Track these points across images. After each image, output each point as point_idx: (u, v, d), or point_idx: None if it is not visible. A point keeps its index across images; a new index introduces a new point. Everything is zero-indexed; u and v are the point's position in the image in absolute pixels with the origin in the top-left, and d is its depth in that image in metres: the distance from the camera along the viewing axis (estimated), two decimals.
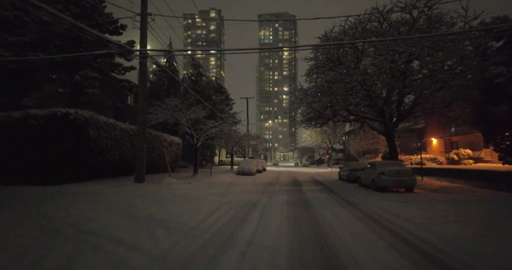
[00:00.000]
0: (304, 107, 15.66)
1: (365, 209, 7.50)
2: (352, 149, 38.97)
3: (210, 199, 8.70)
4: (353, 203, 8.55)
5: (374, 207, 7.70)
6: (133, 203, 7.28)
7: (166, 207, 7.07)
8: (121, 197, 7.95)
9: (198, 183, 12.71)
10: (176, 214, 6.25)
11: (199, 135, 15.20)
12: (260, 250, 3.96)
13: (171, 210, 6.72)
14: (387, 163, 12.34)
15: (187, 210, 6.75)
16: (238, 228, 5.18)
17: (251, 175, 21.80)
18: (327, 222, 5.89)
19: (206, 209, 6.92)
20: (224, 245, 4.15)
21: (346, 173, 16.62)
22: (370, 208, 7.63)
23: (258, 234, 4.82)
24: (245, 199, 9.05)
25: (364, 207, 7.81)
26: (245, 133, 28.64)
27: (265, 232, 4.93)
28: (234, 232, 4.88)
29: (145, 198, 8.25)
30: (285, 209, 7.17)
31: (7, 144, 10.07)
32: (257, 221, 5.81)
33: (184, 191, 10.18)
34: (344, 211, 7.15)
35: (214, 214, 6.43)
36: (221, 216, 6.23)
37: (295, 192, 11.21)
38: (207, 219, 5.88)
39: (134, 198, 7.99)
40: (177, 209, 6.80)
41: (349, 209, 7.53)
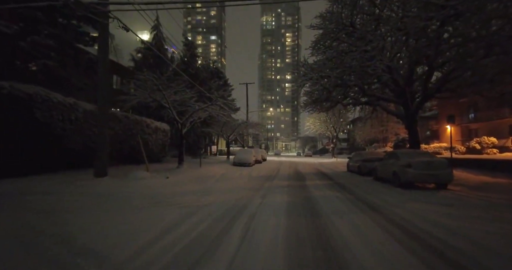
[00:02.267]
0: (309, 85, 13.12)
1: (397, 217, 5.21)
2: (359, 138, 36.52)
3: (183, 201, 6.44)
4: (376, 206, 6.26)
5: (408, 214, 5.41)
6: (64, 211, 5.03)
7: (109, 217, 4.82)
8: (53, 200, 5.70)
9: (178, 177, 10.47)
10: (112, 233, 4.00)
11: (183, 119, 12.84)
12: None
13: (113, 223, 4.47)
14: (414, 153, 9.98)
15: (136, 224, 4.49)
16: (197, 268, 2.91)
17: (248, 166, 19.60)
18: (347, 245, 3.61)
19: (165, 221, 4.66)
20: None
21: (358, 164, 14.29)
22: (403, 215, 5.34)
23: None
24: (231, 200, 6.79)
25: (393, 213, 5.52)
26: (242, 120, 26.22)
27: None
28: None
29: (93, 201, 6.01)
30: (283, 220, 4.89)
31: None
32: (236, 248, 3.53)
33: (155, 188, 7.94)
34: (368, 222, 4.85)
35: (173, 231, 4.17)
36: (180, 236, 3.96)
37: (297, 189, 8.93)
38: (153, 244, 3.61)
39: (74, 202, 5.75)
40: (122, 222, 4.55)
41: (373, 217, 5.23)
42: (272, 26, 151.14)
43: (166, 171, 11.83)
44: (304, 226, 4.56)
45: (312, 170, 17.73)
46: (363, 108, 17.54)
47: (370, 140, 36.01)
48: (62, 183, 7.44)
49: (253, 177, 12.60)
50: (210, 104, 12.36)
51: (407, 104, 12.39)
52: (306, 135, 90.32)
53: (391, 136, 32.30)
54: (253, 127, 30.13)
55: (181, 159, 13.15)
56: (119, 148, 13.10)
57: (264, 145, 78.12)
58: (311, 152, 69.00)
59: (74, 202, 5.77)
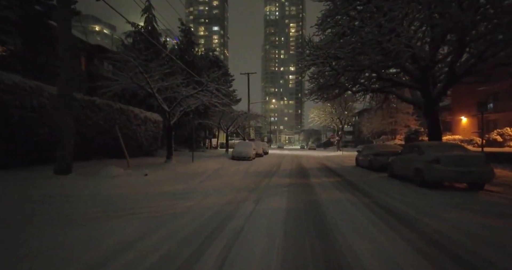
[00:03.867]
0: (316, 68, 11.39)
1: (438, 236, 3.69)
2: (366, 130, 34.70)
3: (152, 208, 4.98)
4: (402, 215, 4.73)
5: (453, 231, 3.88)
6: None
7: (26, 237, 3.36)
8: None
9: (162, 174, 9.02)
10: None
11: (172, 107, 11.30)
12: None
13: (20, 252, 3.00)
14: (441, 145, 8.37)
15: (57, 252, 3.03)
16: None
17: (248, 160, 18.17)
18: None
19: (103, 247, 3.18)
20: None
21: (369, 158, 12.71)
22: (445, 232, 3.83)
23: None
24: (215, 206, 5.30)
25: (430, 228, 4.00)
26: (242, 111, 24.62)
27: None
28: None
29: (30, 208, 4.57)
30: (279, 242, 3.37)
31: None
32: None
33: (126, 190, 6.48)
34: (401, 246, 3.32)
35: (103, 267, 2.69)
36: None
37: (300, 190, 7.42)
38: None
39: (8, 211, 4.31)
40: (36, 250, 3.08)
41: (405, 235, 3.69)
42: (276, 16, 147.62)
43: (151, 167, 10.39)
44: (309, 253, 3.05)
45: (317, 165, 16.19)
46: (373, 96, 15.83)
47: (377, 132, 34.21)
48: (7, 182, 6.00)
49: (250, 173, 11.11)
50: (200, 90, 10.79)
51: (428, 90, 10.69)
52: (310, 127, 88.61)
53: (400, 127, 30.49)
54: (255, 119, 28.52)
55: (170, 153, 11.68)
56: (101, 140, 11.67)
57: (267, 137, 76.66)
58: (315, 145, 67.49)
59: (8, 210, 4.33)
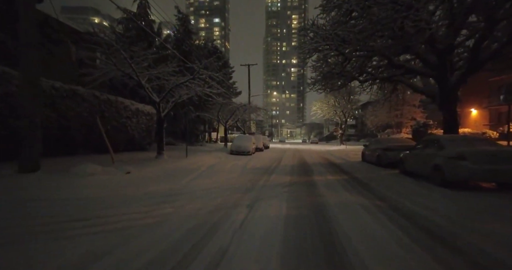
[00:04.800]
0: (320, 54, 10.27)
1: (494, 263, 2.71)
2: (370, 123, 33.52)
3: (121, 217, 4.04)
4: (434, 229, 3.75)
5: (509, 255, 2.90)
6: None
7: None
8: None
9: (148, 171, 8.06)
10: None
11: (161, 98, 10.27)
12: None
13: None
14: (465, 139, 7.35)
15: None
16: None
17: (247, 155, 17.24)
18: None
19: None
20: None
21: (377, 153, 11.69)
22: (497, 255, 2.85)
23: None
24: (199, 213, 4.35)
25: (479, 250, 3.02)
26: (241, 103, 23.54)
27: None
28: None
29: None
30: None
31: None
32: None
33: (99, 190, 5.54)
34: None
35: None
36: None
37: (303, 190, 6.45)
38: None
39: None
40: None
41: (450, 263, 2.72)
42: (278, 7, 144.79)
43: (139, 162, 9.45)
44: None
45: (320, 160, 15.21)
46: (381, 86, 14.71)
47: (382, 126, 33.05)
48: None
49: (247, 170, 10.16)
50: (191, 78, 9.74)
51: (444, 77, 9.60)
52: (312, 121, 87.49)
53: (406, 120, 29.32)
54: (255, 112, 27.45)
55: (161, 147, 10.72)
56: (86, 133, 10.73)
57: (268, 131, 75.65)
58: (317, 139, 66.44)
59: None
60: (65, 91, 9.49)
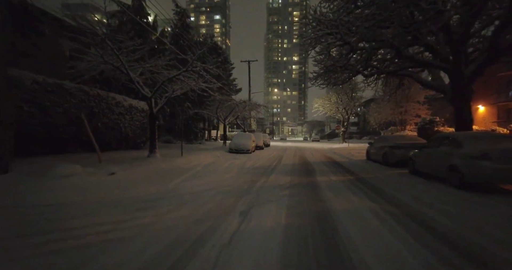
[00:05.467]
0: (323, 46, 9.53)
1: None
2: (373, 120, 32.70)
3: (85, 230, 3.40)
4: (465, 245, 3.09)
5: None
6: None
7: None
8: None
9: (136, 172, 7.41)
10: None
11: (153, 92, 9.59)
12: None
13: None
14: (486, 136, 6.66)
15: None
16: None
17: (246, 153, 16.60)
18: None
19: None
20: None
21: (383, 151, 11.01)
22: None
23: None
24: (182, 224, 3.71)
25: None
26: (240, 100, 22.85)
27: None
28: None
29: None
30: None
31: None
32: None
33: (74, 194, 4.90)
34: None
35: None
36: None
37: (304, 193, 5.79)
38: None
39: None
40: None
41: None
42: (279, 4, 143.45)
43: (128, 162, 8.81)
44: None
45: (323, 158, 14.54)
46: (387, 81, 13.99)
47: (385, 123, 32.24)
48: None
49: (245, 169, 9.51)
50: (184, 71, 9.04)
51: (458, 70, 8.88)
52: (313, 118, 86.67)
53: (410, 118, 28.51)
54: (255, 109, 26.72)
55: (153, 145, 10.07)
56: (74, 131, 10.09)
57: (269, 129, 74.94)
58: (319, 137, 65.75)
59: None
60: (49, 85, 8.84)
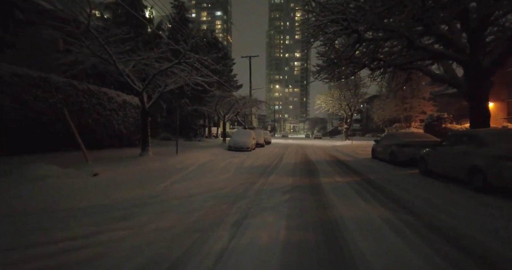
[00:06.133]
0: (327, 36, 8.78)
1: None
2: (377, 117, 31.91)
3: (39, 250, 2.77)
4: (503, 264, 2.44)
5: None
6: None
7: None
8: None
9: (124, 172, 6.78)
10: None
11: (144, 86, 8.93)
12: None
13: None
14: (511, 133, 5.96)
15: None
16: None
17: (246, 151, 15.96)
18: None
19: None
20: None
21: (390, 149, 10.33)
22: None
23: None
24: (160, 239, 3.07)
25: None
26: (240, 96, 22.15)
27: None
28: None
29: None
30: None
31: None
32: None
33: (40, 201, 4.29)
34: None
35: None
36: None
37: (307, 198, 5.15)
38: None
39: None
40: None
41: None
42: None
43: (118, 161, 8.19)
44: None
45: (326, 156, 13.88)
46: (394, 75, 13.24)
47: (389, 120, 31.45)
48: None
49: (243, 169, 8.87)
50: (176, 63, 8.34)
51: (475, 61, 8.15)
52: (315, 115, 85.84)
53: (416, 114, 27.72)
54: (256, 106, 25.99)
55: (146, 143, 9.44)
56: (62, 128, 9.47)
57: (271, 126, 74.22)
58: (321, 134, 64.93)
59: None
60: (32, 79, 8.21)
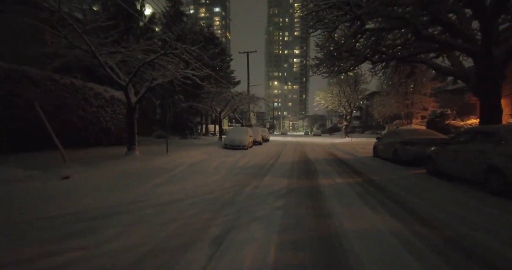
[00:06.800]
0: (328, 22, 8.09)
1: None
2: (377, 113, 31.22)
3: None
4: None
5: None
6: None
7: None
8: None
9: (102, 173, 6.13)
10: None
11: (129, 80, 8.25)
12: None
13: None
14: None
15: None
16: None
17: (243, 149, 15.35)
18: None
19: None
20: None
21: (394, 147, 9.71)
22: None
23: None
24: (125, 258, 2.42)
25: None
26: (237, 92, 21.46)
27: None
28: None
29: None
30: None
31: None
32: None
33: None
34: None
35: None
36: None
37: (304, 204, 4.52)
38: None
39: None
40: None
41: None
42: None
43: (100, 161, 7.53)
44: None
45: (325, 155, 13.25)
46: (397, 69, 12.59)
47: (390, 117, 30.80)
48: None
49: (237, 169, 8.23)
50: (162, 54, 7.64)
51: (487, 52, 7.50)
52: (314, 112, 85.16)
53: (417, 110, 27.07)
54: (253, 102, 25.29)
55: (132, 142, 8.77)
56: (38, 124, 8.81)
57: (270, 123, 73.57)
58: (320, 131, 64.34)
59: None
60: (4, 71, 7.53)
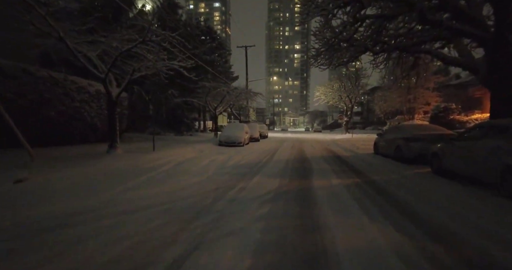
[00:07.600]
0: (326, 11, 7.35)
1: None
2: (379, 109, 30.48)
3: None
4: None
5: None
6: None
7: None
8: None
9: (71, 174, 5.47)
10: None
11: (107, 71, 7.55)
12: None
13: None
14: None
15: None
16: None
17: (238, 146, 14.73)
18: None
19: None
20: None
21: (396, 144, 9.02)
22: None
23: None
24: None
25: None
26: (233, 87, 20.73)
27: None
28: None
29: None
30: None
31: None
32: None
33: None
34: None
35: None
36: None
37: (293, 211, 3.87)
38: None
39: None
40: None
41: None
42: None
43: (74, 160, 6.89)
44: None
45: (323, 152, 12.59)
46: (399, 60, 11.84)
47: (392, 112, 30.07)
48: None
49: (226, 169, 7.58)
50: (140, 41, 6.92)
51: (501, 40, 6.78)
52: (315, 108, 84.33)
53: (420, 105, 26.31)
54: (251, 98, 24.53)
55: (113, 139, 8.11)
56: (20, 122, 8.15)
57: (270, 119, 72.78)
58: (321, 127, 63.55)
59: None
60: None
